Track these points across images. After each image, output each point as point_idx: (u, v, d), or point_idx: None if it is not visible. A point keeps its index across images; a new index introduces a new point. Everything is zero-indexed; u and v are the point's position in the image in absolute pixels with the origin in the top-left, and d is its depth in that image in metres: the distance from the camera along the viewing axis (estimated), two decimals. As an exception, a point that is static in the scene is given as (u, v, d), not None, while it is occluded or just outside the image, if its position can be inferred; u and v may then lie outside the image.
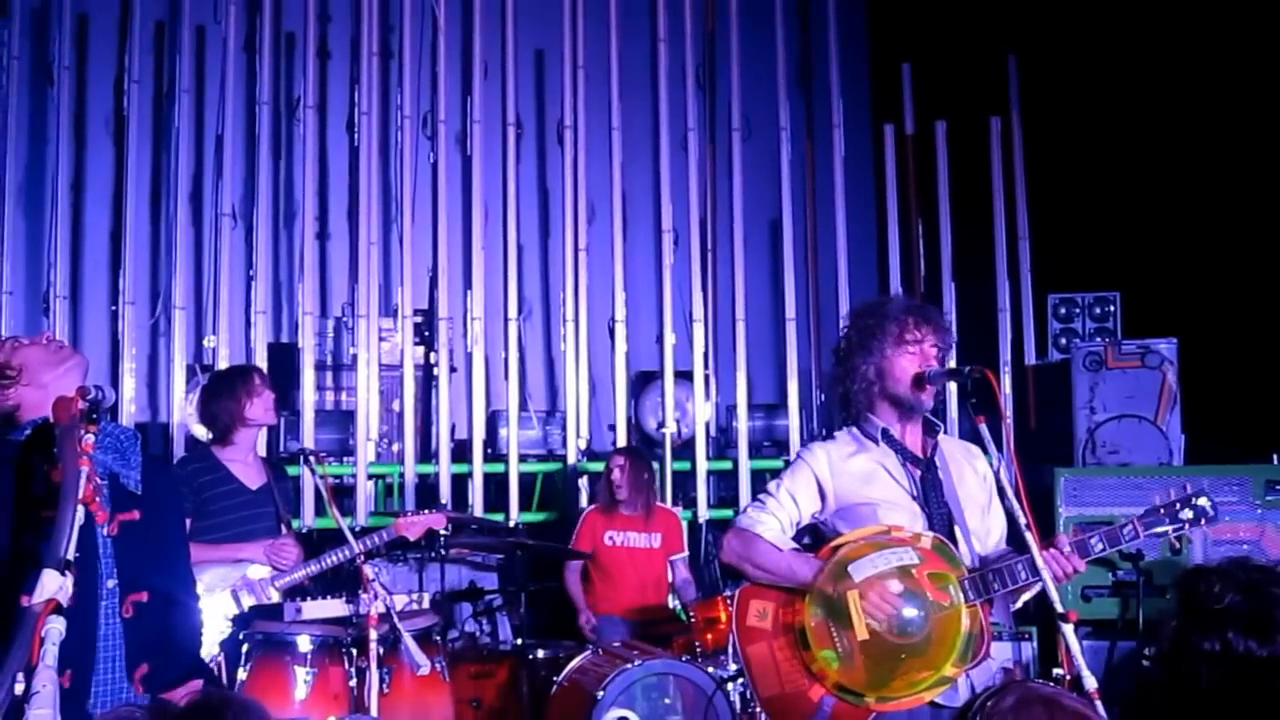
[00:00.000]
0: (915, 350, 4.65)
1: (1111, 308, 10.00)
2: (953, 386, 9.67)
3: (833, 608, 4.49)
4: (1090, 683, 3.88)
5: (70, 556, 3.09)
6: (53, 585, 2.99)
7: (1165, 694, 3.43)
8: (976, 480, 4.76)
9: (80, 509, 3.26)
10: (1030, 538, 4.28)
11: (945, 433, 4.87)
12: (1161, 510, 4.54)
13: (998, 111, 10.59)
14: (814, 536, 4.91)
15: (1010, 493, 4.40)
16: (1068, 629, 4.10)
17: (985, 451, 4.72)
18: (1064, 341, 9.97)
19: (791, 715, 4.60)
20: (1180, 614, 3.44)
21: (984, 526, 4.71)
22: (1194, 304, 9.22)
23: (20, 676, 2.84)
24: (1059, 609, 4.15)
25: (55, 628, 2.91)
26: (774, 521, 4.72)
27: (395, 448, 9.62)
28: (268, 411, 6.94)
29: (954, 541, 4.57)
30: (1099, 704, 3.72)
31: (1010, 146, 10.58)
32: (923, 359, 4.65)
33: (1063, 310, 10.07)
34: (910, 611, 4.41)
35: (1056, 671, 7.93)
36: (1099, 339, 9.66)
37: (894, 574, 4.43)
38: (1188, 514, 4.51)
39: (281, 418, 8.63)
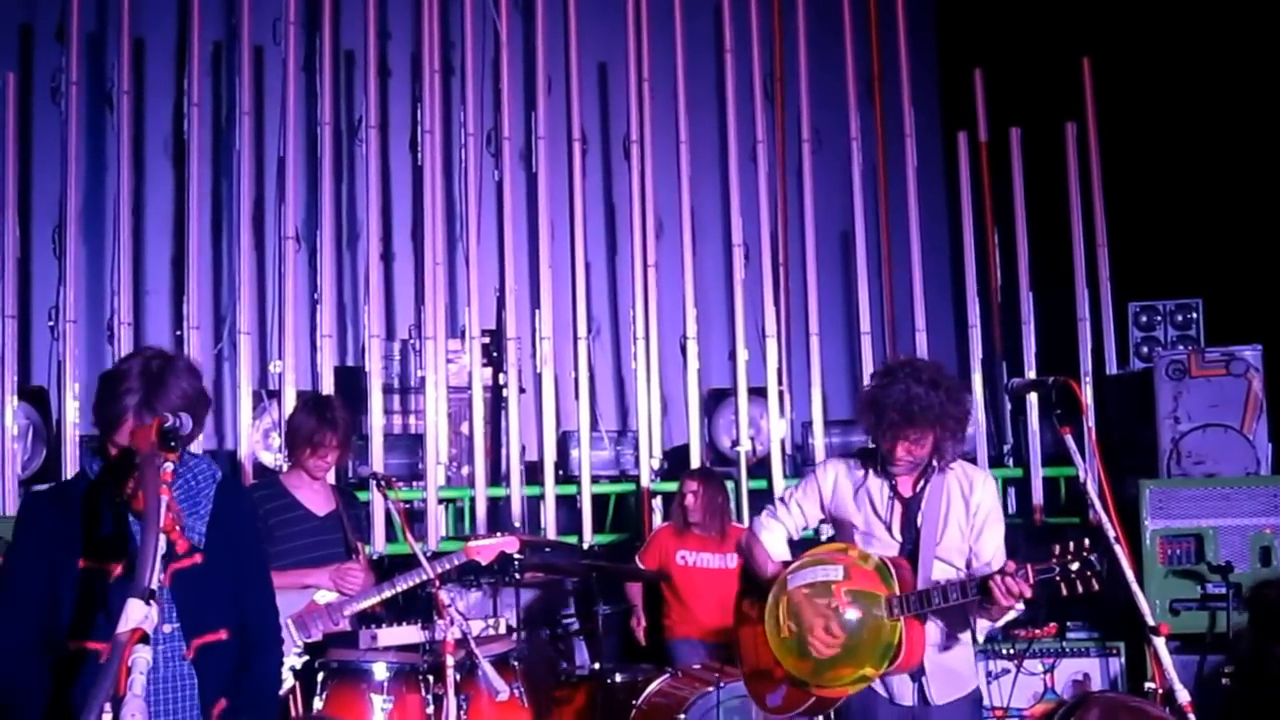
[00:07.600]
0: (889, 448, 5.20)
1: (1194, 314, 9.91)
2: (1033, 397, 9.65)
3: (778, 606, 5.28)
4: (1183, 695, 3.91)
5: (154, 585, 3.03)
6: (138, 614, 2.94)
7: (1245, 699, 3.44)
8: (963, 510, 5.27)
9: (162, 538, 3.21)
10: (1119, 550, 4.27)
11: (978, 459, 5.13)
12: (1054, 560, 4.76)
13: (1073, 116, 10.40)
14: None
15: (1098, 505, 4.40)
16: (1159, 642, 4.12)
17: (1074, 463, 4.71)
18: (1146, 350, 9.88)
19: (760, 688, 5.47)
20: (1253, 623, 3.47)
21: (970, 551, 5.26)
22: (1279, 308, 9.10)
23: (107, 707, 2.80)
24: (1150, 622, 4.15)
25: (142, 657, 2.88)
26: (778, 527, 5.54)
27: (465, 471, 9.57)
28: (324, 467, 6.85)
29: (916, 567, 5.15)
30: (1192, 717, 3.83)
31: (1087, 152, 10.38)
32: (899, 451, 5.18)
33: (1144, 318, 9.96)
34: (834, 617, 5.09)
35: (1148, 685, 8.01)
36: (1182, 347, 9.58)
37: (816, 586, 5.15)
38: (1075, 565, 4.69)
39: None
